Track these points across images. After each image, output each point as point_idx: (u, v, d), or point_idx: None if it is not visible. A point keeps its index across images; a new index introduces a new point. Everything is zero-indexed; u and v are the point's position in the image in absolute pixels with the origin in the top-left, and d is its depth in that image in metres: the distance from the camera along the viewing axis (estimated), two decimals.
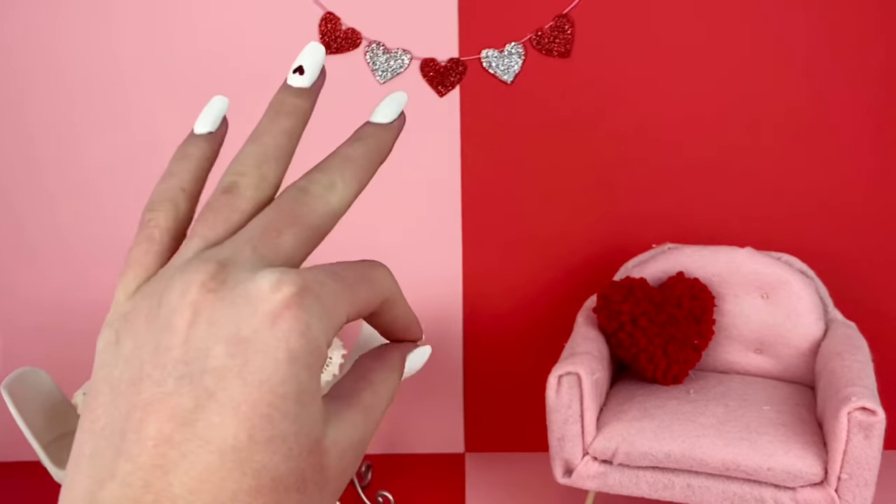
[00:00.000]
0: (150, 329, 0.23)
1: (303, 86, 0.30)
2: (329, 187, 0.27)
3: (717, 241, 2.54)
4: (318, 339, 0.23)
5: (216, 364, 0.22)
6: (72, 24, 2.52)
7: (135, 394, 0.22)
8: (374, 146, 0.29)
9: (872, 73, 2.50)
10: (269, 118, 0.29)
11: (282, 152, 0.28)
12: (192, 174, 0.29)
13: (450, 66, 2.54)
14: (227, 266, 0.23)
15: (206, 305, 0.23)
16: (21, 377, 2.17)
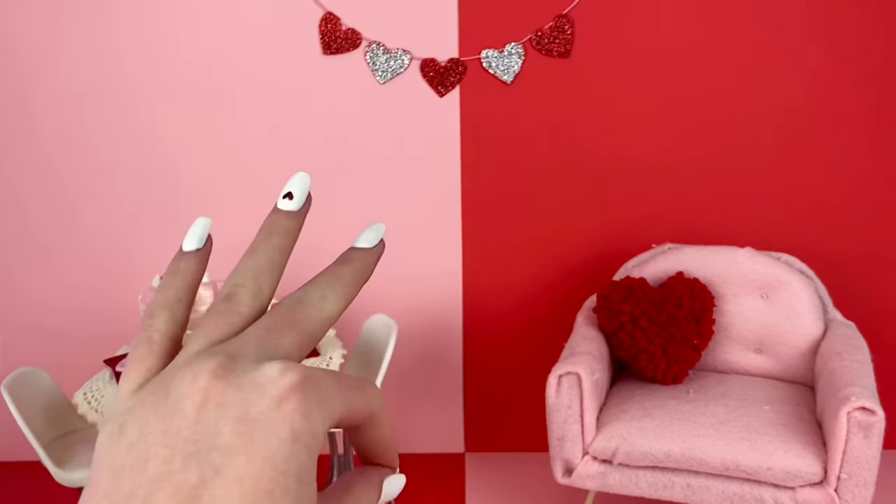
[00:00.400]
0: (157, 416, 0.25)
1: (291, 209, 0.33)
2: (322, 299, 0.31)
3: (717, 241, 2.54)
4: (318, 424, 0.25)
5: (224, 442, 0.24)
6: (76, 23, 2.53)
7: (140, 473, 0.24)
8: (359, 267, 0.33)
9: (872, 74, 2.51)
10: (263, 237, 0.32)
11: (275, 266, 0.32)
12: (184, 286, 0.33)
13: (450, 66, 2.54)
14: (234, 357, 0.26)
15: (216, 390, 0.25)
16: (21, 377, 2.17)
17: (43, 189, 2.67)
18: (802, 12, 2.48)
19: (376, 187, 2.64)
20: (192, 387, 0.25)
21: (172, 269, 0.33)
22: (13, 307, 2.76)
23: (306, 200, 0.33)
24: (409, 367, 2.80)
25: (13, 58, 2.55)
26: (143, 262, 2.68)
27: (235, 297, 0.30)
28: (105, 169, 2.65)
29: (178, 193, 2.67)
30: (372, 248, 0.34)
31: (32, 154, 2.64)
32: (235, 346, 0.27)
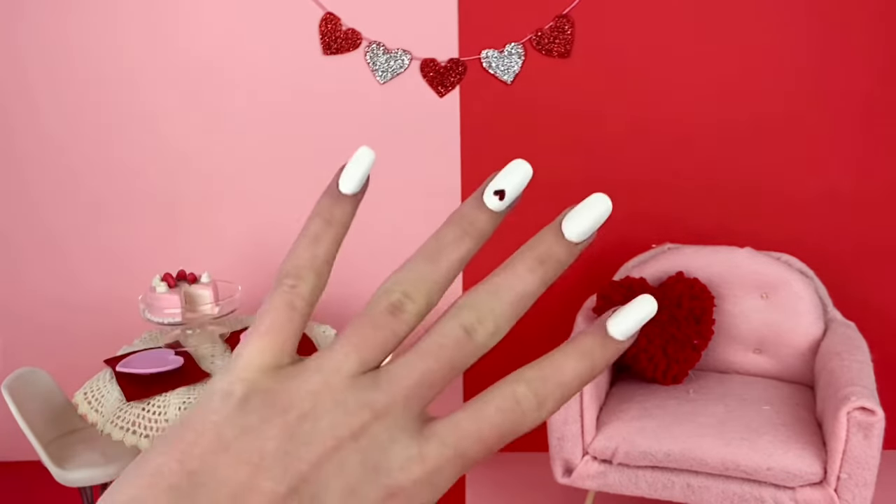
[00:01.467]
0: (285, 424, 0.25)
1: (498, 210, 0.29)
2: (493, 335, 0.28)
3: (716, 241, 2.55)
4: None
5: (328, 499, 0.24)
6: (78, 24, 2.53)
7: (241, 468, 0.24)
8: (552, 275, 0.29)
9: (872, 75, 2.51)
10: (456, 236, 0.29)
11: (451, 279, 0.29)
12: (336, 243, 0.29)
13: (450, 66, 2.54)
14: (379, 418, 0.25)
15: (345, 450, 0.25)
16: (22, 377, 2.17)
17: (43, 189, 2.67)
18: (802, 12, 2.48)
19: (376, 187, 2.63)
20: (326, 431, 0.25)
21: (325, 215, 0.29)
22: (13, 307, 2.77)
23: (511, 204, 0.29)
24: None
25: (20, 55, 2.55)
26: (143, 262, 2.68)
27: (402, 312, 0.27)
28: (105, 169, 2.65)
29: (179, 193, 2.67)
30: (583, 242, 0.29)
31: (34, 154, 2.64)
32: (384, 400, 0.26)
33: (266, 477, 0.24)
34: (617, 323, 0.28)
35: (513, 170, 0.28)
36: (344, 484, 0.24)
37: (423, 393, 0.26)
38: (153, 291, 2.20)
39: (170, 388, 1.95)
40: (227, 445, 0.24)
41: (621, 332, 0.28)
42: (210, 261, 2.61)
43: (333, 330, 2.44)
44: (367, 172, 0.29)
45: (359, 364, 0.26)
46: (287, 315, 0.27)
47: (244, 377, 0.26)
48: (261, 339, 0.27)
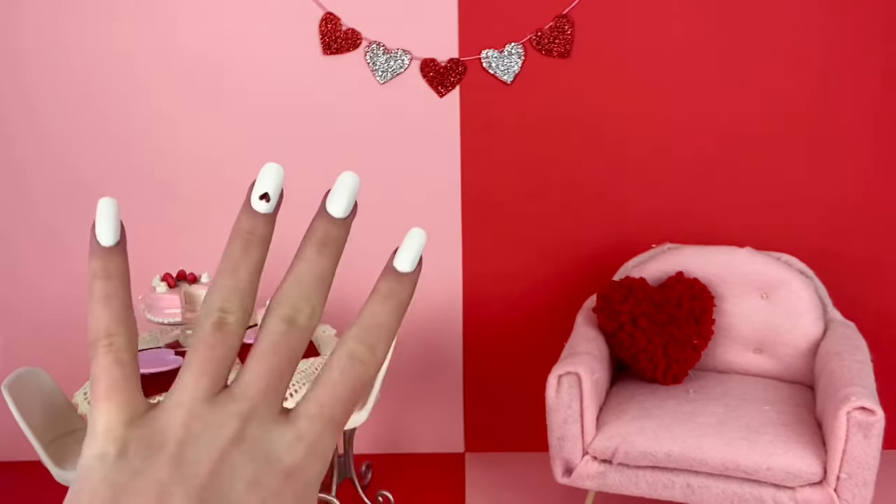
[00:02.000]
0: (168, 459, 0.27)
1: (268, 212, 0.31)
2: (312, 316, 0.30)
3: (716, 241, 2.55)
4: (315, 484, 0.28)
5: (237, 497, 0.26)
6: (79, 25, 2.53)
7: (151, 499, 0.26)
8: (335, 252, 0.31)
9: (873, 75, 2.51)
10: (241, 250, 0.30)
11: (255, 284, 0.31)
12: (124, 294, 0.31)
13: (450, 66, 2.54)
14: (248, 421, 0.28)
15: (232, 455, 0.27)
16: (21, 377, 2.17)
17: (43, 189, 2.67)
18: (804, 13, 2.48)
19: (376, 187, 2.64)
20: (209, 447, 0.27)
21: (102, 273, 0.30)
22: (14, 307, 2.77)
23: (280, 199, 0.31)
24: (409, 367, 2.80)
25: (18, 55, 2.55)
26: (143, 262, 2.68)
27: (225, 325, 0.29)
28: (105, 169, 2.65)
29: (179, 193, 2.67)
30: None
31: (34, 153, 2.64)
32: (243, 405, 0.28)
33: (171, 498, 0.26)
34: (401, 260, 0.32)
35: (266, 173, 0.31)
36: (244, 480, 0.27)
37: (275, 387, 0.29)
38: (153, 291, 2.20)
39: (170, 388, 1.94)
40: (124, 489, 0.26)
41: (407, 265, 0.32)
42: (210, 261, 2.61)
43: (334, 330, 2.45)
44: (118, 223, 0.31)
45: (211, 384, 0.29)
46: (119, 372, 0.29)
47: (112, 437, 0.28)
48: (108, 401, 0.28)
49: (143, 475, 0.26)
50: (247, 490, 0.27)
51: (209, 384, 0.29)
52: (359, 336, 0.30)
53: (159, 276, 2.25)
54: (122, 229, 0.31)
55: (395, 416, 2.87)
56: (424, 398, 2.87)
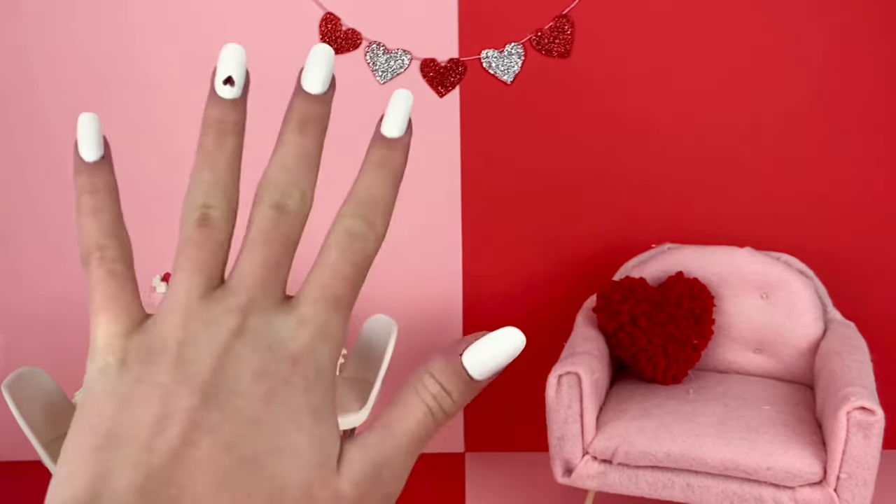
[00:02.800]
0: (168, 359, 0.26)
1: (236, 97, 0.29)
2: (302, 199, 0.29)
3: (716, 241, 2.55)
4: (329, 369, 0.27)
5: (242, 389, 0.25)
6: (80, 25, 2.53)
7: (154, 405, 0.25)
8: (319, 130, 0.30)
9: (873, 75, 2.51)
10: (215, 140, 0.29)
11: (236, 174, 0.29)
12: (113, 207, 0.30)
13: (450, 66, 2.54)
14: (248, 313, 0.27)
15: (235, 348, 0.26)
16: (21, 377, 2.17)
17: (44, 189, 2.67)
18: (804, 12, 2.48)
19: None
20: (210, 344, 0.26)
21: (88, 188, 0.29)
22: (14, 307, 2.77)
23: (246, 81, 0.29)
24: (410, 367, 2.79)
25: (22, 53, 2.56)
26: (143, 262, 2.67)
27: (210, 220, 0.28)
28: None
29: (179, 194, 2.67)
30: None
31: (33, 153, 2.64)
32: (242, 297, 0.27)
33: (175, 399, 0.25)
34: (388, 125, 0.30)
35: (226, 55, 0.29)
36: (249, 371, 0.25)
37: (273, 276, 0.28)
38: (153, 291, 2.20)
39: None
40: (127, 397, 0.25)
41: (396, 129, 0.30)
42: None
43: None
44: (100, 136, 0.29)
45: (204, 281, 0.27)
46: (113, 282, 0.28)
47: (111, 348, 0.27)
48: (105, 313, 0.27)
49: (145, 381, 0.25)
50: (253, 381, 0.25)
51: (202, 282, 0.27)
52: (354, 211, 0.29)
53: (159, 276, 2.25)
54: (105, 144, 0.30)
55: None
56: None
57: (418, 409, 0.27)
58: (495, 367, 0.27)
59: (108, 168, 0.30)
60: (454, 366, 0.27)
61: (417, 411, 0.27)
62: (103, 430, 0.25)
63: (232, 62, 0.29)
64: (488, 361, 0.27)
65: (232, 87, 0.29)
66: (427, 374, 0.27)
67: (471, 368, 0.27)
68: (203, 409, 0.24)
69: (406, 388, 0.27)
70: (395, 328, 2.33)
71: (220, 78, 0.29)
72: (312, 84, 0.29)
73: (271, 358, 0.26)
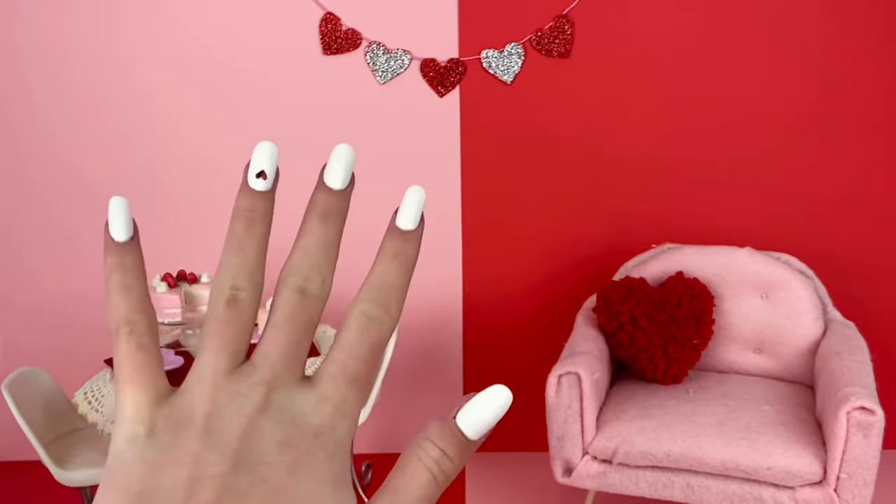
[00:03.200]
0: (197, 430, 0.27)
1: (266, 189, 0.32)
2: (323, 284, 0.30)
3: (716, 241, 2.55)
4: (346, 442, 0.28)
5: (269, 459, 0.27)
6: (80, 25, 2.53)
7: (183, 469, 0.26)
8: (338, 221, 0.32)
9: (874, 75, 2.51)
10: (245, 228, 0.31)
11: (263, 259, 0.31)
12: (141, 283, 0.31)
13: (450, 66, 2.54)
14: (273, 389, 0.28)
15: (260, 421, 0.27)
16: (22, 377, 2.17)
17: (44, 189, 2.67)
18: (805, 13, 2.48)
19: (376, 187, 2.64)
20: (237, 415, 0.27)
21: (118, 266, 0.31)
22: (14, 307, 2.77)
23: (276, 175, 0.32)
24: (410, 367, 2.80)
25: (19, 53, 2.56)
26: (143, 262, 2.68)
27: (238, 301, 0.30)
28: (105, 169, 2.65)
29: (179, 193, 2.67)
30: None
31: (34, 153, 2.64)
32: (266, 374, 0.28)
33: (206, 465, 0.26)
34: (403, 218, 0.33)
35: (260, 151, 0.32)
36: (274, 442, 0.27)
37: (295, 355, 0.29)
38: (153, 291, 2.20)
39: None
40: (158, 464, 0.26)
41: (410, 223, 0.32)
42: (210, 261, 2.61)
43: (333, 329, 2.45)
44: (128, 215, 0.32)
45: (229, 358, 0.29)
46: (142, 356, 0.29)
47: (140, 418, 0.28)
48: (132, 385, 0.29)
49: (176, 448, 0.27)
50: (279, 452, 0.27)
51: (228, 358, 0.29)
52: (371, 296, 0.30)
53: (159, 276, 2.25)
54: (134, 225, 0.32)
55: (394, 416, 2.87)
56: (424, 398, 2.87)
57: (422, 476, 0.28)
58: (488, 425, 0.28)
59: (136, 247, 0.32)
60: (450, 429, 0.28)
61: (421, 477, 0.28)
62: (135, 491, 0.26)
63: (265, 157, 0.32)
64: (481, 420, 0.28)
65: (264, 181, 0.32)
66: (426, 440, 0.28)
67: (466, 429, 0.28)
68: (233, 475, 0.26)
69: (407, 454, 0.28)
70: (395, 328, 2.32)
71: (253, 172, 0.32)
72: (334, 181, 0.32)
73: (295, 431, 0.27)
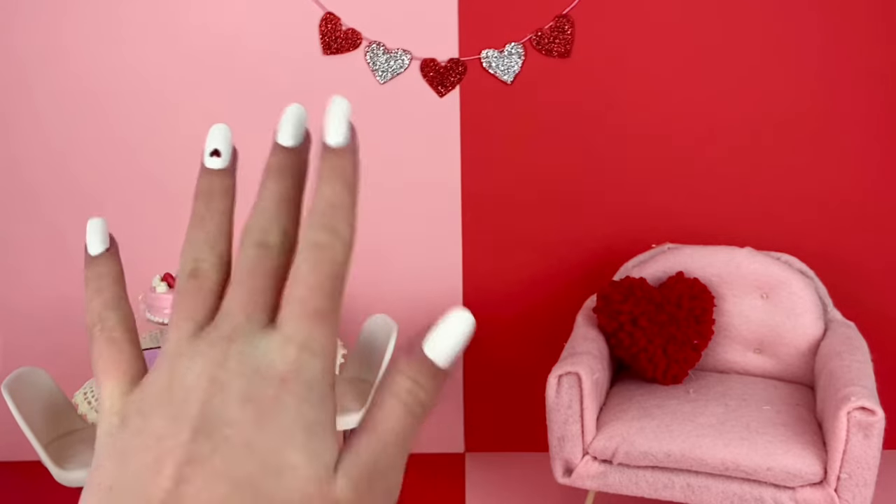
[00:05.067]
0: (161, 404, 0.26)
1: (222, 167, 0.32)
2: (284, 235, 0.29)
3: (716, 241, 2.55)
4: (322, 382, 0.26)
5: (231, 416, 0.25)
6: (80, 26, 2.53)
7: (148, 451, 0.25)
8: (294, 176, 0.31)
9: (873, 75, 2.51)
10: (204, 203, 0.31)
11: (226, 232, 0.31)
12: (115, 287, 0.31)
13: (450, 66, 2.54)
14: (233, 340, 0.27)
15: (221, 377, 0.26)
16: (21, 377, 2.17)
17: (44, 188, 2.67)
18: (804, 13, 2.48)
19: (377, 187, 2.64)
20: (197, 378, 0.26)
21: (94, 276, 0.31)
22: (14, 307, 2.77)
23: (233, 154, 0.32)
24: None
25: (18, 54, 2.55)
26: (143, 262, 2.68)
27: (199, 272, 0.29)
28: (106, 169, 2.65)
29: (179, 193, 2.67)
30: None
31: (35, 153, 2.64)
32: (226, 327, 0.27)
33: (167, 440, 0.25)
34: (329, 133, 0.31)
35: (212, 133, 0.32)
36: (235, 398, 0.25)
37: (258, 302, 0.28)
38: (153, 291, 2.20)
39: None
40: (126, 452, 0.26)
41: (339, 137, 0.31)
42: None
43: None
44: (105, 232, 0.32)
45: (193, 325, 0.28)
46: (113, 349, 0.29)
47: (114, 409, 0.28)
48: (107, 379, 0.29)
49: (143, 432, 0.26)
50: (240, 407, 0.25)
51: (191, 326, 0.28)
52: (314, 223, 0.29)
53: (159, 276, 2.25)
54: (111, 239, 0.32)
55: None
56: None
57: (396, 408, 0.27)
58: (454, 350, 0.27)
59: (111, 257, 0.32)
60: (419, 359, 0.27)
61: (396, 409, 0.27)
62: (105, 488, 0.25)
63: (218, 138, 0.32)
64: (448, 347, 0.27)
65: (219, 158, 0.32)
66: (398, 374, 0.27)
67: (435, 358, 0.27)
68: (193, 442, 0.25)
69: (380, 389, 0.27)
70: (395, 328, 2.33)
71: (208, 151, 0.32)
72: (285, 138, 0.31)
73: (259, 380, 0.26)
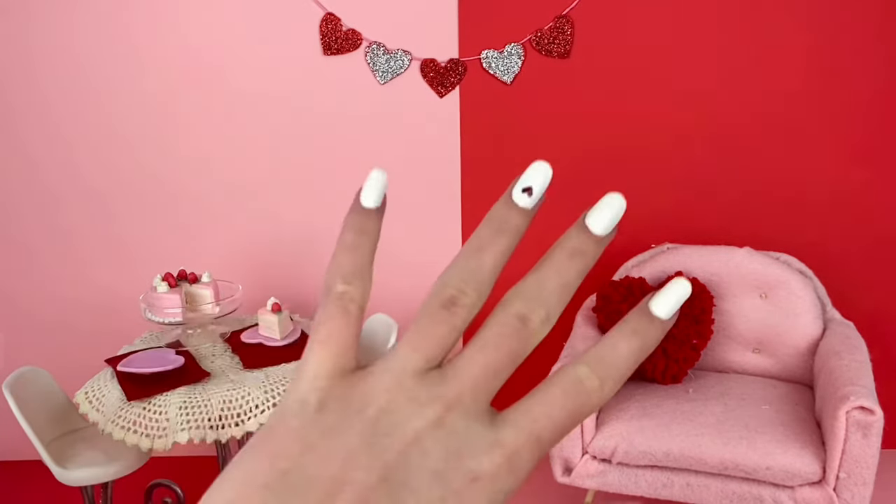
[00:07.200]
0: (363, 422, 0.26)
1: (527, 207, 0.30)
2: (545, 321, 0.29)
3: (716, 241, 2.55)
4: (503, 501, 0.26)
5: (417, 485, 0.25)
6: (80, 25, 2.53)
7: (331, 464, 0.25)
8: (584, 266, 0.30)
9: (873, 75, 2.51)
10: (492, 235, 0.30)
11: (497, 273, 0.29)
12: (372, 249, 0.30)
13: (450, 66, 2.55)
14: (452, 409, 0.26)
15: (426, 439, 0.26)
16: (23, 377, 2.17)
17: (46, 188, 2.67)
18: (803, 13, 2.48)
19: None
20: (405, 423, 0.26)
21: (356, 227, 0.30)
22: (15, 307, 2.77)
23: (542, 200, 0.31)
24: None
25: (29, 55, 2.56)
26: (144, 262, 2.68)
27: (456, 306, 0.28)
28: (107, 169, 2.66)
29: (180, 193, 2.68)
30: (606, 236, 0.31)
31: (36, 153, 2.65)
32: (453, 392, 0.27)
33: (355, 468, 0.25)
34: (658, 304, 0.29)
35: (535, 168, 0.30)
36: (430, 469, 0.25)
37: (488, 383, 0.27)
38: (154, 291, 2.20)
39: (170, 387, 1.95)
40: (313, 445, 0.25)
41: (664, 312, 0.29)
42: (211, 260, 2.61)
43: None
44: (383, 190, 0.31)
45: (424, 361, 0.27)
46: (344, 321, 0.29)
47: (316, 385, 0.27)
48: (323, 348, 0.28)
49: (334, 436, 0.26)
50: (429, 481, 0.25)
51: (421, 360, 0.27)
52: (593, 364, 0.28)
53: (160, 276, 2.25)
54: (384, 200, 0.31)
55: None
56: None
57: None
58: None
59: (378, 218, 0.31)
60: None
61: None
62: (279, 469, 0.25)
63: (537, 176, 0.30)
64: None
65: (528, 197, 0.30)
66: None
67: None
68: (376, 490, 0.24)
69: None
70: (395, 328, 2.33)
71: (521, 186, 0.30)
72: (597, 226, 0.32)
73: (455, 464, 0.25)
